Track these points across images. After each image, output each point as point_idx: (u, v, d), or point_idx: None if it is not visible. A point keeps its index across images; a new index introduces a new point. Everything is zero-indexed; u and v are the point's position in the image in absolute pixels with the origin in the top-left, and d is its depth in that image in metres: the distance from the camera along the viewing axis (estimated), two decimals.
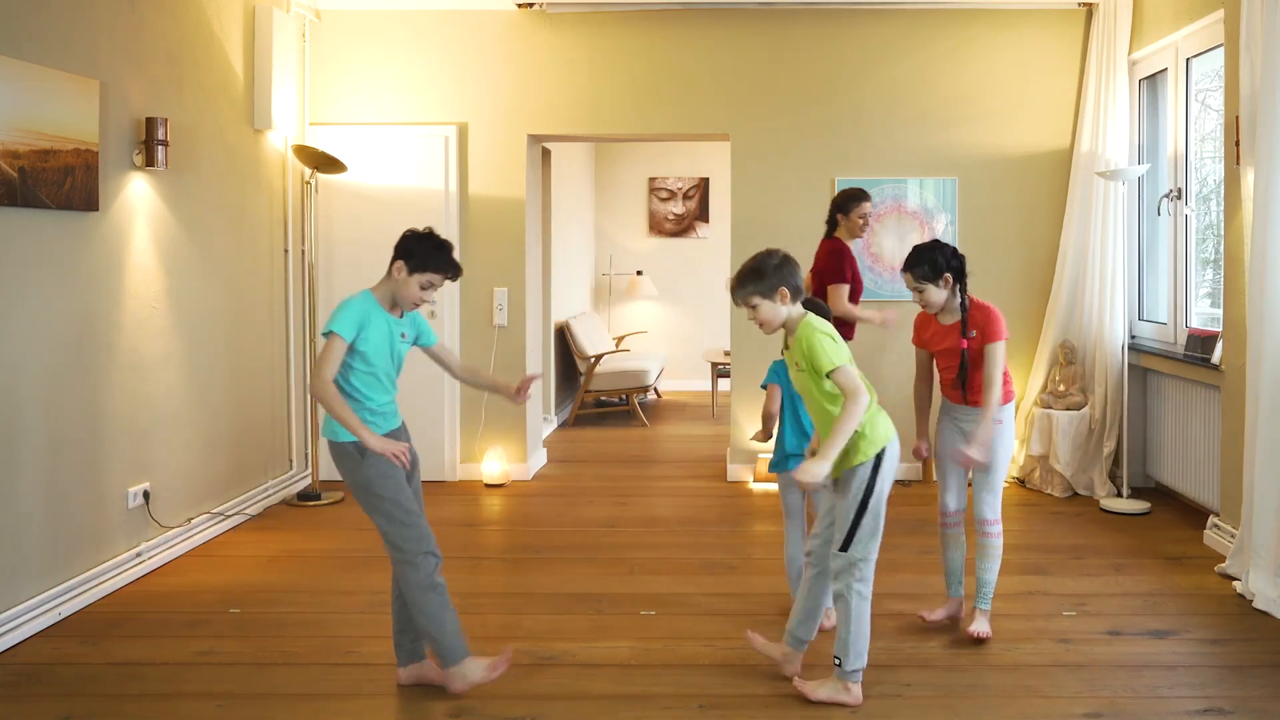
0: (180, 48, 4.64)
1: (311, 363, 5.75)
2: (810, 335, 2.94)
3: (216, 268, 4.95)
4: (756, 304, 3.00)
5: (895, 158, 5.94)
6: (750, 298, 3.00)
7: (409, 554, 2.99)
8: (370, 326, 2.97)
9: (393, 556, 3.03)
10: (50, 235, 3.76)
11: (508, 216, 5.98)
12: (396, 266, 3.01)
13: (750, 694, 3.11)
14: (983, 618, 3.55)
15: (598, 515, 5.27)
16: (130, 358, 4.25)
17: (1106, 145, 5.57)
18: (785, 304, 3.00)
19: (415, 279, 3.00)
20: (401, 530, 2.99)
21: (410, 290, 3.01)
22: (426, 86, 5.97)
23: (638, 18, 5.96)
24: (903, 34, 5.91)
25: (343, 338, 2.91)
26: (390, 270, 3.03)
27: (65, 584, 3.80)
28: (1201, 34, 4.84)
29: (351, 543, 4.75)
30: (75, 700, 3.10)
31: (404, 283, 3.00)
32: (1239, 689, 3.13)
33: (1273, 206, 3.88)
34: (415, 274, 3.00)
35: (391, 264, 3.02)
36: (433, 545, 3.04)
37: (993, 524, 3.53)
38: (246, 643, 3.53)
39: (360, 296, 3.02)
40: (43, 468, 3.71)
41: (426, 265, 2.99)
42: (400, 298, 3.03)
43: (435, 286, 3.04)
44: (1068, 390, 5.64)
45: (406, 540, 2.99)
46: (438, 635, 3.02)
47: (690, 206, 9.97)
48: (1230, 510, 4.41)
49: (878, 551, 3.03)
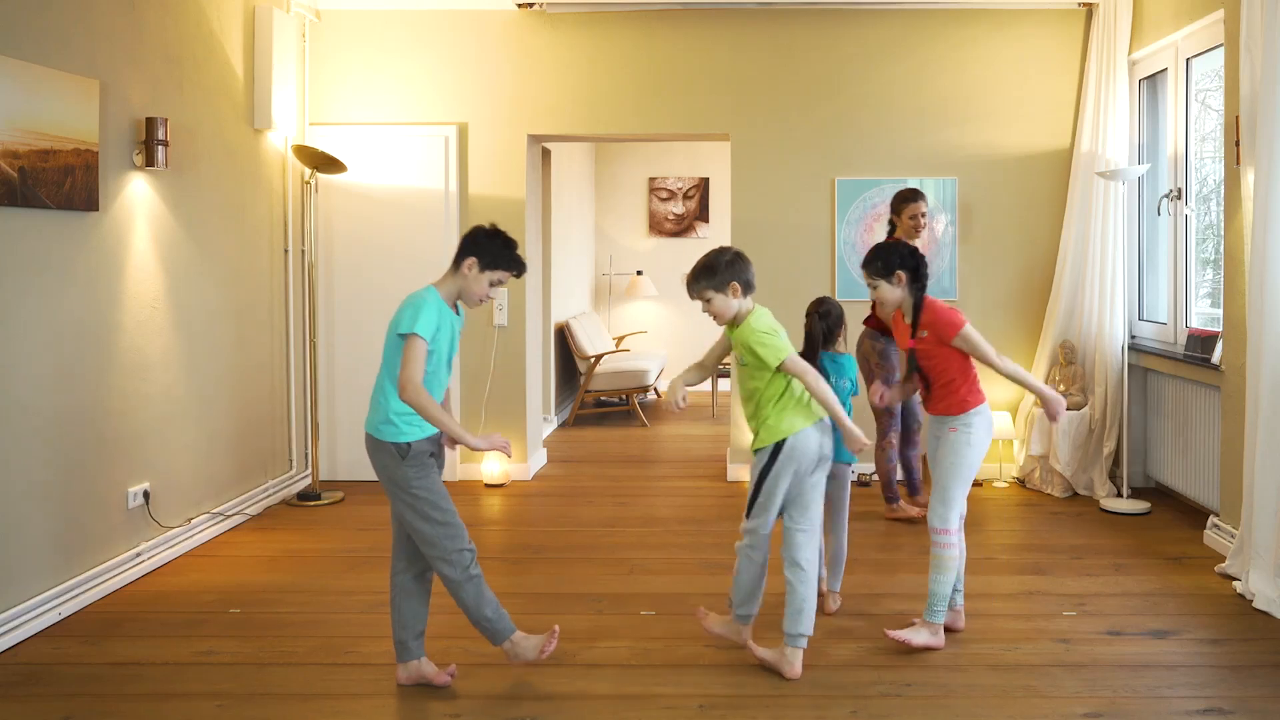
0: (180, 48, 4.64)
1: (311, 363, 5.77)
2: (749, 337, 3.19)
3: (216, 268, 4.95)
4: (710, 297, 3.22)
5: (895, 158, 5.94)
6: (704, 291, 3.22)
7: (444, 551, 3.05)
8: (441, 326, 3.02)
9: (427, 553, 3.07)
10: (50, 235, 3.76)
11: (508, 216, 5.97)
12: (468, 264, 3.06)
13: (750, 694, 3.11)
14: (922, 628, 3.42)
15: (598, 515, 5.27)
16: (130, 358, 4.25)
17: (1106, 145, 5.57)
18: (736, 298, 3.22)
19: (485, 276, 3.07)
20: (437, 529, 3.05)
21: (480, 287, 3.07)
22: (426, 86, 5.97)
23: (638, 18, 5.96)
24: (903, 34, 5.91)
25: (425, 339, 2.93)
26: (460, 267, 3.07)
27: (65, 584, 3.80)
28: (1201, 34, 4.84)
29: (351, 543, 4.75)
30: (75, 700, 3.10)
31: (474, 279, 3.06)
32: (1239, 689, 3.13)
33: (1273, 206, 3.88)
34: (486, 271, 3.07)
35: (460, 261, 3.07)
36: (467, 540, 3.10)
37: (940, 533, 3.40)
38: (246, 643, 3.53)
39: (430, 295, 3.04)
40: (43, 468, 3.71)
41: (498, 263, 3.07)
42: (468, 294, 3.09)
43: (503, 283, 3.11)
44: (1068, 390, 5.64)
45: (442, 538, 3.05)
46: (479, 620, 3.12)
47: (690, 206, 9.97)
48: (1230, 510, 4.41)
49: (771, 525, 3.31)
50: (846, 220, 5.93)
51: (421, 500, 3.04)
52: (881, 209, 5.89)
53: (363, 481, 5.96)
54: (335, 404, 6.00)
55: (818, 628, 3.48)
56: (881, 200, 5.89)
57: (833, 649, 3.44)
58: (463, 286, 3.07)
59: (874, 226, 5.90)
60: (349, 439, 6.02)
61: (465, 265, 3.06)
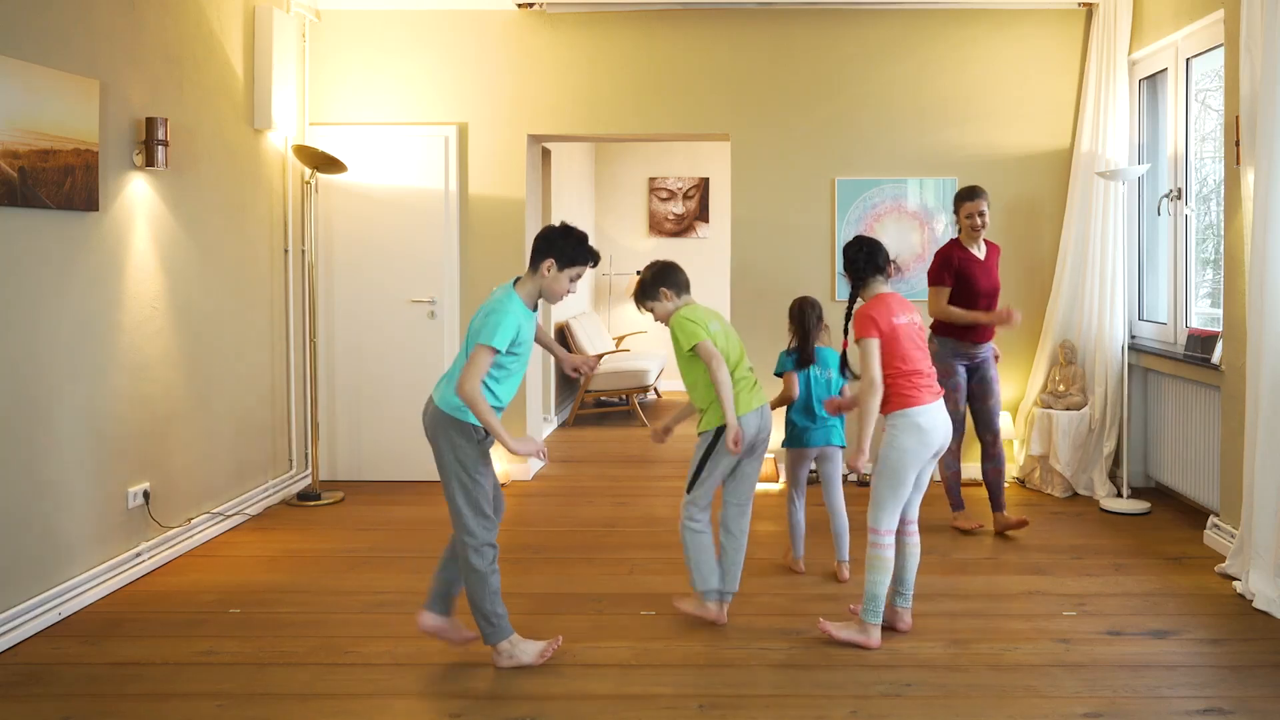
0: (180, 48, 4.64)
1: (311, 363, 5.77)
2: (675, 324, 3.63)
3: (216, 268, 4.95)
4: (652, 307, 3.73)
5: (895, 158, 5.94)
6: (646, 304, 3.75)
7: (478, 541, 3.22)
8: (523, 330, 3.19)
9: (462, 538, 3.23)
10: (50, 235, 3.76)
11: (508, 216, 5.98)
12: (546, 265, 3.23)
13: (750, 694, 3.11)
14: (853, 624, 3.47)
15: (598, 515, 5.27)
16: (130, 358, 4.25)
17: (1106, 145, 5.57)
18: (669, 300, 3.71)
19: (565, 274, 3.26)
20: (478, 519, 3.22)
21: (561, 284, 3.27)
22: (426, 86, 5.97)
23: (638, 18, 5.96)
24: (903, 34, 5.91)
25: (500, 351, 3.11)
26: (539, 269, 3.24)
27: (65, 584, 3.80)
28: (1201, 34, 4.84)
29: (351, 543, 4.75)
30: (75, 700, 3.10)
31: (555, 278, 3.25)
32: (1239, 689, 3.13)
33: (1273, 206, 3.88)
34: (565, 269, 3.25)
35: (538, 263, 3.24)
36: (494, 538, 3.28)
37: (870, 533, 3.43)
38: (246, 643, 3.53)
39: (513, 304, 3.18)
40: (43, 468, 3.71)
41: (575, 259, 3.27)
42: (550, 293, 3.28)
43: (580, 277, 3.31)
44: (1068, 390, 5.64)
45: (478, 528, 3.22)
46: (487, 615, 3.26)
47: (690, 206, 9.97)
48: (1230, 510, 4.41)
49: (709, 498, 3.62)
50: (846, 220, 5.93)
51: (476, 487, 3.22)
52: (882, 209, 5.90)
53: (363, 481, 5.96)
54: (335, 404, 6.00)
55: (818, 627, 3.55)
56: (881, 200, 5.90)
57: (833, 649, 3.44)
58: (544, 286, 3.26)
59: (874, 227, 5.90)
60: (349, 439, 6.02)
61: (544, 267, 3.24)
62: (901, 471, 3.41)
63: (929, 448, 3.43)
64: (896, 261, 3.85)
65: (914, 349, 3.46)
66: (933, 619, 3.71)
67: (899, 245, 5.88)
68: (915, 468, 3.43)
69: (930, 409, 3.43)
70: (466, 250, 5.95)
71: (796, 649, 3.44)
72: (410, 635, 3.57)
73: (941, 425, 3.46)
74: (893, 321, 3.45)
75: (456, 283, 5.95)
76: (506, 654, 3.27)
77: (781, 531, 4.91)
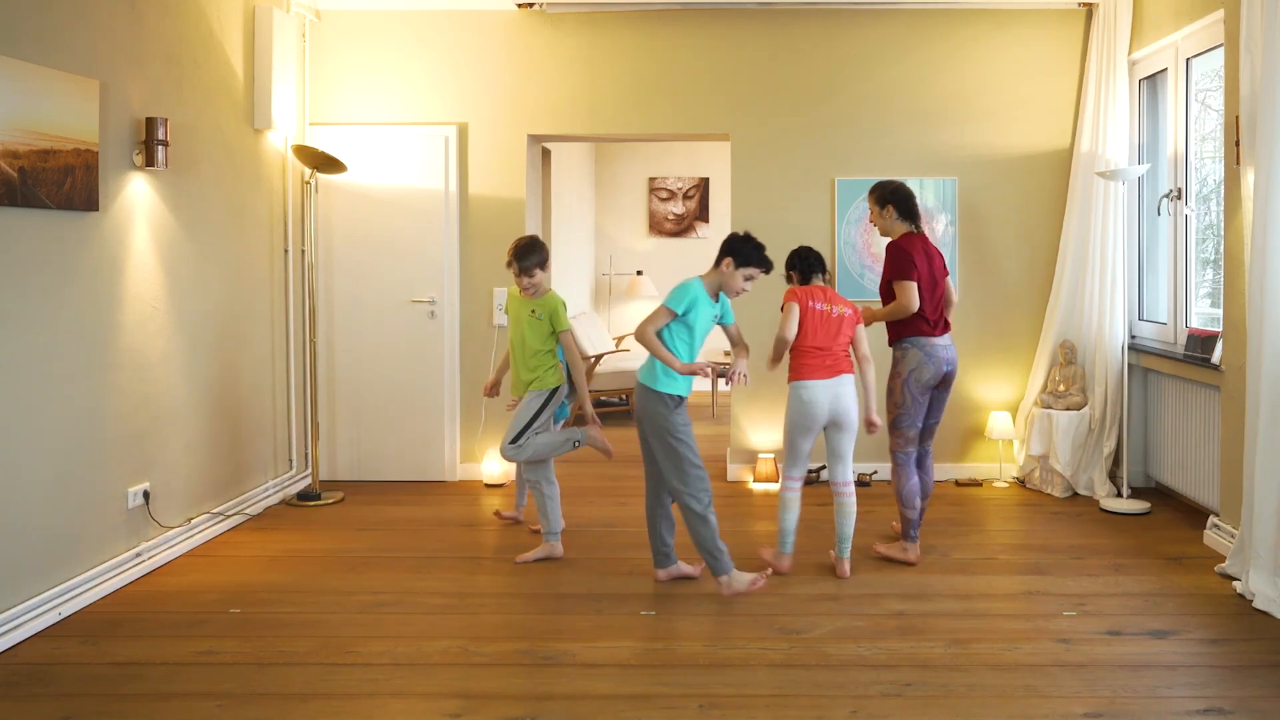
0: (180, 48, 4.64)
1: (311, 363, 5.77)
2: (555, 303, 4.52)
3: (216, 268, 4.95)
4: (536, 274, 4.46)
5: (895, 158, 5.94)
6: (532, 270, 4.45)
7: (691, 490, 3.86)
8: (697, 308, 3.84)
9: (676, 488, 3.89)
10: (50, 235, 3.76)
11: (508, 216, 5.98)
12: (726, 262, 3.87)
13: (750, 694, 3.11)
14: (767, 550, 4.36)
15: (598, 515, 5.27)
16: (130, 358, 4.25)
17: (1106, 145, 5.57)
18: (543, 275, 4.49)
19: (740, 272, 3.86)
20: (688, 472, 3.87)
21: (736, 281, 3.88)
22: (426, 86, 5.97)
23: (638, 18, 5.96)
24: (903, 34, 5.91)
25: (674, 311, 3.82)
26: (720, 265, 3.89)
27: (65, 584, 3.80)
28: (1201, 34, 4.84)
29: (351, 543, 4.75)
30: (75, 700, 3.10)
31: (731, 275, 3.88)
32: (1239, 689, 3.13)
33: (1273, 206, 3.88)
34: (740, 269, 3.86)
35: (721, 260, 3.89)
36: (708, 485, 3.89)
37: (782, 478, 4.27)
38: (246, 643, 3.53)
39: (695, 283, 3.87)
40: (43, 468, 3.71)
41: (749, 262, 3.87)
42: (728, 287, 3.90)
43: (754, 278, 3.89)
44: (1068, 390, 5.64)
45: (688, 481, 3.87)
46: (710, 550, 3.88)
47: (690, 206, 9.97)
48: (1230, 510, 4.41)
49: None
50: (846, 220, 5.93)
51: (682, 444, 3.88)
52: None
53: (363, 481, 5.96)
54: (335, 404, 6.00)
55: (817, 627, 3.58)
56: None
57: (833, 649, 3.44)
58: (723, 281, 3.90)
59: (874, 226, 5.88)
60: (349, 439, 6.02)
61: (724, 264, 3.88)
62: (790, 432, 4.20)
63: (811, 417, 4.13)
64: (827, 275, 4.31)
65: (817, 332, 4.13)
66: (933, 619, 3.71)
67: None
68: (802, 430, 4.15)
69: (812, 384, 4.11)
70: (466, 250, 5.95)
71: (796, 649, 3.44)
72: (410, 635, 3.58)
73: (822, 400, 4.09)
74: (810, 304, 4.14)
75: (456, 283, 5.95)
76: (727, 583, 3.87)
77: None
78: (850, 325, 4.17)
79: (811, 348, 4.10)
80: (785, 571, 4.23)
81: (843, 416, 4.13)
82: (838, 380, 4.11)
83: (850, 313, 4.18)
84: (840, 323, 4.15)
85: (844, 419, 4.13)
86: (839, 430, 4.16)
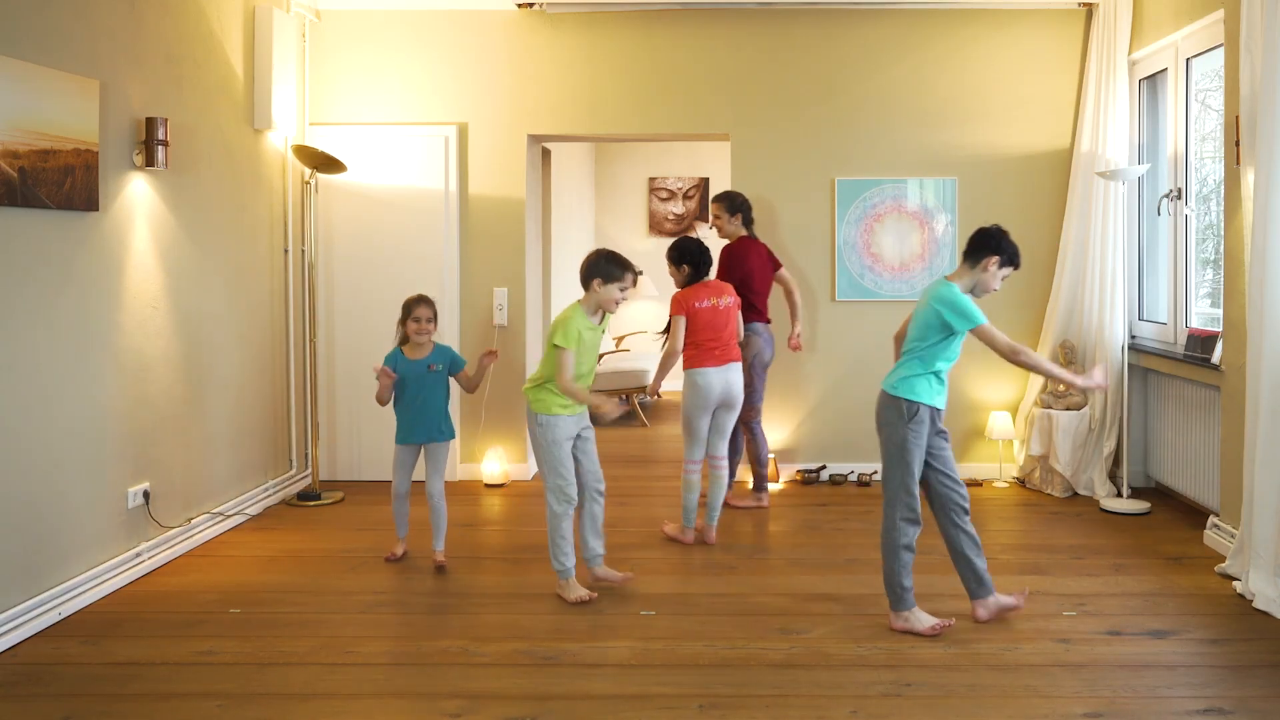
0: (180, 48, 4.64)
1: (311, 363, 5.77)
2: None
3: (216, 268, 4.95)
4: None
5: (895, 158, 5.94)
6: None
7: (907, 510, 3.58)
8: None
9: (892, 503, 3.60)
10: (50, 235, 3.76)
11: (508, 216, 5.98)
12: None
13: (750, 694, 3.11)
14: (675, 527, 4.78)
15: None
16: (130, 358, 4.25)
17: (1106, 145, 5.57)
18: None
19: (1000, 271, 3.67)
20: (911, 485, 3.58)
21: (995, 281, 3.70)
22: (426, 86, 5.97)
23: (638, 18, 5.96)
24: (903, 34, 5.91)
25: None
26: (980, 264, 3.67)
27: (65, 584, 3.80)
28: (1201, 34, 4.84)
29: (351, 543, 4.75)
30: (75, 700, 3.10)
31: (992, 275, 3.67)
32: (1239, 689, 3.13)
33: (1273, 206, 3.88)
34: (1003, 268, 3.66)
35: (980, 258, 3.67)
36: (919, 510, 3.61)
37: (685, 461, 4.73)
38: (246, 643, 3.53)
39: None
40: (43, 468, 3.71)
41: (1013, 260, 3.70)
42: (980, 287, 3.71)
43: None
44: (1068, 390, 5.64)
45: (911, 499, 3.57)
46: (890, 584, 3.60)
47: (690, 206, 9.97)
48: (1230, 510, 4.41)
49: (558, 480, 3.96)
50: (846, 220, 5.93)
51: (911, 455, 3.56)
52: (882, 209, 5.90)
53: (363, 481, 5.96)
54: (335, 404, 6.00)
55: (818, 626, 3.57)
56: (881, 200, 5.90)
57: (833, 649, 3.44)
58: (978, 280, 3.67)
59: (874, 226, 5.90)
60: (349, 439, 6.02)
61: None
62: (688, 415, 4.63)
63: (708, 399, 4.58)
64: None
65: (708, 326, 4.60)
66: None
67: (899, 245, 5.89)
68: (700, 411, 4.59)
69: (707, 371, 4.57)
70: (466, 250, 5.95)
71: (796, 649, 3.44)
72: (410, 635, 3.58)
73: (716, 384, 4.58)
74: (696, 306, 4.61)
75: (456, 283, 5.95)
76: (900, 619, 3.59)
77: (782, 532, 4.92)
78: (734, 312, 4.74)
79: (705, 340, 4.61)
80: (689, 543, 4.67)
81: (732, 399, 4.67)
82: (728, 367, 4.64)
83: (733, 300, 4.73)
84: (727, 313, 4.68)
85: (733, 400, 4.67)
86: (727, 410, 4.69)
